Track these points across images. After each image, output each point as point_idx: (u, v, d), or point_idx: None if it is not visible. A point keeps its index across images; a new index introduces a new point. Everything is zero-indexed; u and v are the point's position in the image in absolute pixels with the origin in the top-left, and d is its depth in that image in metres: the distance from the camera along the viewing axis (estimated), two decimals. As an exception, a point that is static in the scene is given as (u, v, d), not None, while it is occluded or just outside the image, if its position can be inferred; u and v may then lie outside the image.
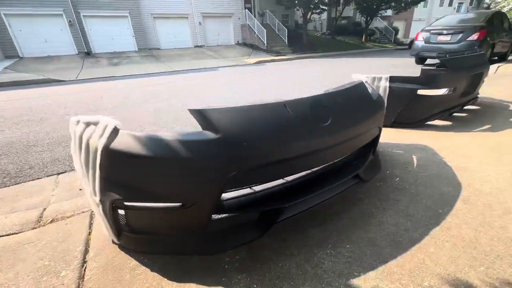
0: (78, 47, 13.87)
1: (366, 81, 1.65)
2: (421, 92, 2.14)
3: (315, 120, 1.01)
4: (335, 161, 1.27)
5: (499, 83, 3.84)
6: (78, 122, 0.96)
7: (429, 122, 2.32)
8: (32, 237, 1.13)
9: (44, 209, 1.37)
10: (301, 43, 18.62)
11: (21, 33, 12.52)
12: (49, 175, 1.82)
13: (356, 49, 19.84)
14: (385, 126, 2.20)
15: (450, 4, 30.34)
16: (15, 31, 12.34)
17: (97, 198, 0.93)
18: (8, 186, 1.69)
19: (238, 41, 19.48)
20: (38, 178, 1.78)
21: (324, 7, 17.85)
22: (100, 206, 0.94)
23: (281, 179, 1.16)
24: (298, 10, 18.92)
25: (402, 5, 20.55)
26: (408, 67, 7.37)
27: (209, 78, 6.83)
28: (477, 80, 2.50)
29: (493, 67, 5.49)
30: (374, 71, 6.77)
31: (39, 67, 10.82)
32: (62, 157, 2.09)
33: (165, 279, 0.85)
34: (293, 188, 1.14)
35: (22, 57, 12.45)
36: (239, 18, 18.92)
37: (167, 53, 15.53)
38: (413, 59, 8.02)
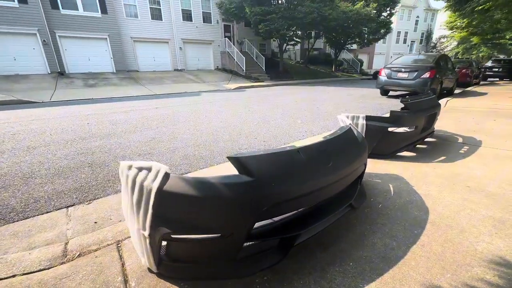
0: (51, 66, 13.43)
1: (350, 123, 2.02)
2: (391, 129, 2.60)
3: (321, 162, 1.29)
4: (335, 194, 1.55)
5: (449, 117, 4.59)
6: (130, 167, 1.13)
7: (399, 154, 2.76)
8: (67, 271, 1.22)
9: (66, 244, 1.44)
10: (278, 70, 19.86)
11: (-14, 51, 11.85)
12: (58, 209, 1.86)
13: (327, 78, 21.62)
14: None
15: (404, 42, 34.69)
16: (-20, 48, 11.67)
17: (147, 233, 1.08)
18: (18, 221, 1.71)
19: (217, 66, 20.21)
20: (47, 212, 1.81)
21: (298, 40, 19.43)
22: (148, 240, 1.10)
23: (295, 210, 1.40)
24: (275, 41, 20.37)
25: (365, 41, 23.11)
26: (375, 97, 8.31)
27: (193, 104, 7.05)
28: (432, 118, 3.06)
29: (443, 101, 6.47)
30: (347, 101, 7.54)
31: (5, 87, 10.24)
32: (66, 189, 2.13)
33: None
34: (305, 217, 1.39)
35: (-14, 75, 11.66)
36: (219, 45, 19.82)
37: (146, 75, 15.56)
38: (377, 90, 9.06)
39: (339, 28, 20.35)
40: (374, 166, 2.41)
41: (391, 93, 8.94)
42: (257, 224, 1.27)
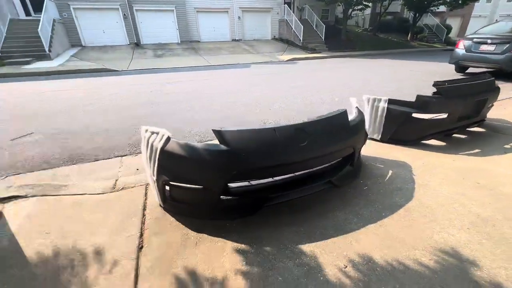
0: (129, 38, 15.41)
1: (357, 106, 2.06)
2: (416, 115, 2.44)
3: (295, 141, 1.49)
4: (313, 169, 1.73)
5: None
6: (146, 130, 1.57)
7: (425, 142, 2.60)
8: (113, 197, 1.81)
9: (116, 180, 2.06)
10: (339, 40, 18.19)
11: (84, 25, 14.32)
12: (116, 156, 2.55)
13: (399, 48, 18.77)
14: (382, 141, 2.57)
15: (522, -1, 26.53)
16: (80, 23, 14.14)
17: (154, 178, 1.54)
18: (91, 161, 2.45)
19: (274, 36, 19.69)
20: (107, 158, 2.52)
21: (367, 3, 17.06)
22: (155, 183, 1.56)
23: (271, 178, 1.67)
24: (339, 5, 18.37)
25: (460, 1, 18.64)
26: (446, 76, 7.11)
27: (238, 77, 7.39)
28: (481, 105, 2.67)
29: (536, 83, 5.18)
30: (403, 79, 6.72)
31: (98, 56, 12.41)
32: (123, 144, 2.83)
33: (189, 229, 1.43)
34: (279, 185, 1.65)
35: (84, 46, 14.28)
36: (277, 13, 19.07)
37: (206, 45, 16.44)
38: (452, 66, 7.66)
39: (424, -14, 16.92)
40: (388, 151, 2.38)
41: (471, 70, 7.45)
42: (235, 184, 1.61)
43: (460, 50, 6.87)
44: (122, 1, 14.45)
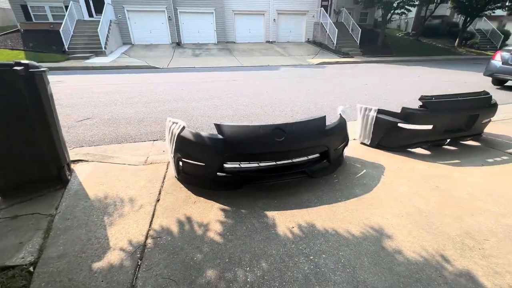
0: (172, 38, 16.84)
1: (340, 113, 2.46)
2: (402, 125, 2.73)
3: (275, 136, 1.97)
4: (292, 161, 2.20)
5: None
6: (170, 121, 2.18)
7: (411, 150, 2.87)
8: (144, 168, 2.47)
9: (147, 158, 2.74)
10: (375, 44, 17.69)
11: (135, 25, 16.02)
12: (149, 140, 3.26)
13: (443, 55, 17.61)
14: (371, 146, 2.91)
15: None
16: (131, 23, 15.87)
17: (172, 155, 2.15)
18: (132, 142, 3.19)
19: (308, 39, 19.81)
20: (143, 141, 3.24)
21: (409, 8, 16.32)
22: (173, 159, 2.17)
23: (256, 164, 2.18)
24: (379, 8, 17.80)
25: (521, 4, 16.84)
26: (478, 88, 6.82)
27: (265, 79, 7.91)
28: (472, 120, 2.84)
29: None
30: (429, 90, 6.63)
31: (143, 54, 13.89)
32: (156, 131, 3.55)
33: (191, 193, 2.01)
34: (261, 170, 2.15)
35: (133, 44, 15.99)
36: (313, 16, 19.16)
37: (240, 47, 17.24)
38: (490, 78, 7.27)
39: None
40: (372, 155, 2.72)
41: (510, 83, 7.02)
42: (229, 165, 2.15)
43: (497, 62, 6.56)
44: (168, 4, 15.88)
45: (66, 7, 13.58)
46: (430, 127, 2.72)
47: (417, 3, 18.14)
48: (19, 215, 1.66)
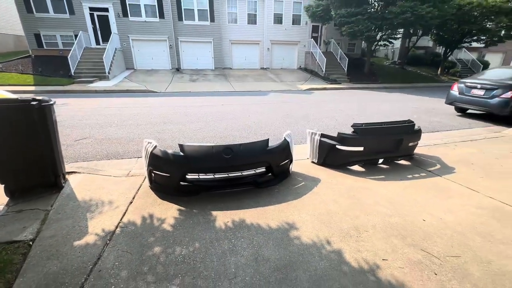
0: (172, 64, 18.08)
1: (284, 137, 3.08)
2: (339, 147, 3.35)
3: (224, 154, 2.58)
4: (242, 174, 2.78)
5: (474, 146, 4.34)
6: (145, 141, 2.79)
7: (350, 167, 3.46)
8: (125, 179, 3.04)
9: (130, 171, 3.32)
10: (362, 71, 18.94)
11: (138, 52, 17.31)
12: (135, 157, 3.86)
13: (426, 82, 18.80)
14: (318, 164, 3.50)
15: None
16: (135, 51, 17.16)
17: (146, 168, 2.73)
18: (119, 159, 3.79)
19: (300, 66, 21.19)
20: (130, 158, 3.84)
21: (391, 41, 17.78)
22: (147, 171, 2.75)
23: (212, 176, 2.76)
24: (363, 41, 19.32)
25: (495, 39, 18.36)
26: (442, 114, 7.57)
27: (251, 104, 8.70)
28: (398, 143, 3.46)
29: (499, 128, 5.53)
30: (397, 115, 7.36)
31: (144, 78, 14.92)
32: (141, 149, 4.15)
33: (158, 197, 2.57)
34: (217, 181, 2.73)
35: (135, 69, 17.17)
36: (304, 46, 20.68)
37: (236, 73, 18.44)
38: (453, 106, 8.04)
39: (453, 23, 17.18)
40: (313, 171, 3.30)
41: (472, 111, 7.77)
42: (190, 176, 2.73)
43: (455, 92, 7.37)
44: (170, 34, 17.31)
45: (76, 35, 14.89)
46: (361, 148, 3.34)
47: (399, 36, 19.76)
48: (23, 210, 2.21)
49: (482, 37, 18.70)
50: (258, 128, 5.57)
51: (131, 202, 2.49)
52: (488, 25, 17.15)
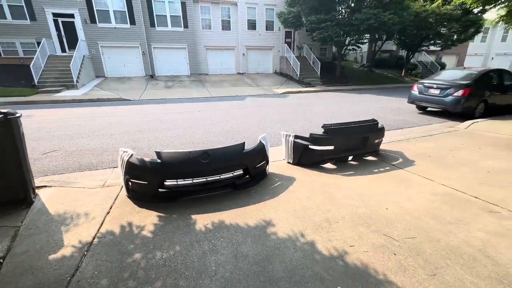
0: (146, 71, 17.64)
1: (260, 139, 3.22)
2: (311, 146, 3.56)
3: (201, 159, 2.65)
4: (220, 177, 2.87)
5: (437, 140, 4.80)
6: (121, 150, 2.78)
7: (323, 165, 3.68)
8: (100, 190, 2.99)
9: (105, 182, 3.26)
10: (334, 75, 19.85)
11: (109, 60, 16.70)
12: (110, 168, 3.78)
13: (393, 83, 20.15)
14: (293, 164, 3.66)
15: (515, 40, 27.92)
16: (105, 58, 16.53)
17: (123, 177, 2.72)
18: (93, 170, 3.68)
19: (276, 70, 21.70)
20: (104, 169, 3.75)
21: (358, 45, 18.89)
22: (124, 180, 2.73)
23: (191, 180, 2.81)
24: (333, 45, 20.31)
25: (448, 43, 20.22)
26: (404, 113, 8.20)
27: (227, 109, 8.79)
28: (364, 141, 3.76)
29: (466, 123, 6.19)
30: (373, 113, 7.86)
31: (116, 86, 14.41)
32: (116, 159, 4.07)
33: (136, 206, 2.57)
34: (195, 185, 2.79)
35: (106, 77, 16.52)
36: (278, 51, 21.25)
37: (212, 78, 18.43)
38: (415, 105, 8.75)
39: (412, 29, 18.70)
40: (289, 171, 3.47)
41: (431, 109, 8.51)
42: (169, 182, 2.76)
43: (415, 92, 8.04)
44: (142, 40, 16.92)
45: (39, 43, 14.03)
46: (332, 147, 3.58)
47: (366, 41, 21.08)
48: (-10, 228, 2.11)
49: (438, 41, 20.55)
50: (236, 133, 5.67)
51: (108, 213, 2.47)
52: (442, 30, 18.86)
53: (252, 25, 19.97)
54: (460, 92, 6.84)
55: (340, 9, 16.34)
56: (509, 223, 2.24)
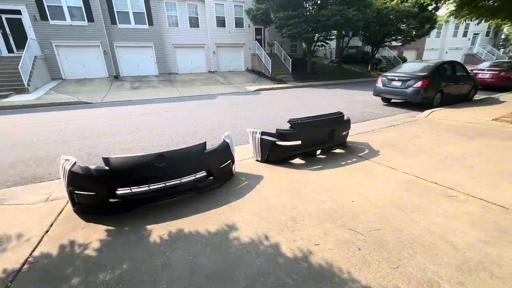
0: (109, 71, 16.53)
1: (223, 138, 3.03)
2: (279, 142, 3.45)
3: (156, 163, 2.41)
4: (180, 180, 2.64)
5: (399, 130, 4.97)
6: (62, 158, 2.44)
7: (292, 161, 3.59)
8: (42, 205, 2.61)
9: (50, 195, 2.87)
10: (305, 71, 20.19)
11: (66, 60, 15.37)
12: (58, 179, 3.36)
13: (360, 78, 20.98)
14: (262, 162, 3.52)
15: (465, 35, 30.59)
16: (61, 58, 15.19)
17: (66, 189, 2.39)
18: (37, 182, 3.25)
19: (248, 68, 21.54)
20: (51, 180, 3.33)
21: (327, 41, 19.38)
22: (68, 193, 2.40)
23: (147, 187, 2.56)
24: (302, 42, 20.65)
25: (408, 38, 21.49)
26: (371, 105, 8.50)
27: (196, 109, 8.47)
28: (331, 134, 3.75)
29: (425, 113, 6.53)
30: (342, 107, 8.00)
31: (75, 89, 13.30)
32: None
33: (82, 220, 2.26)
34: (152, 192, 2.54)
35: (64, 79, 15.20)
36: (249, 48, 21.09)
37: (182, 77, 17.78)
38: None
39: (375, 25, 19.59)
40: (257, 169, 3.34)
41: (394, 100, 8.91)
42: (121, 191, 2.48)
43: (379, 85, 8.35)
44: (103, 39, 15.79)
45: (-21, 43, 12.44)
46: (299, 142, 3.51)
47: (333, 37, 21.67)
48: None
49: (399, 37, 21.77)
50: (204, 132, 5.43)
51: (47, 231, 2.14)
52: (402, 27, 20.00)
53: (221, 22, 19.57)
54: (419, 83, 7.21)
55: (307, 6, 16.56)
56: (465, 206, 2.31)
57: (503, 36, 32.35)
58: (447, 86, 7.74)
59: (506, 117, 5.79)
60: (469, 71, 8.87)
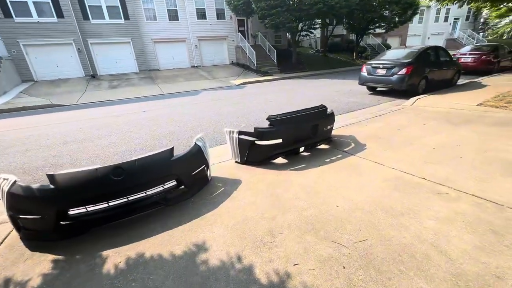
0: (85, 70, 15.67)
1: (195, 141, 2.73)
2: (258, 142, 3.18)
3: (114, 176, 2.09)
4: (146, 193, 2.34)
5: (386, 120, 4.80)
6: (0, 178, 2.08)
7: (273, 161, 3.34)
8: (-16, 232, 2.26)
9: None
10: (290, 62, 19.83)
11: (36, 60, 14.41)
12: (11, 196, 2.97)
13: (346, 67, 20.85)
14: (241, 163, 3.25)
15: (446, 20, 30.91)
16: (31, 59, 14.22)
17: (7, 213, 2.04)
18: None
19: (232, 61, 20.98)
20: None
21: (311, 31, 19.05)
22: (9, 218, 2.06)
23: (106, 204, 2.24)
24: (286, 32, 20.23)
25: (391, 25, 21.43)
26: (358, 94, 8.33)
27: (176, 106, 8.05)
28: (315, 129, 3.50)
29: (411, 100, 6.41)
30: (321, 99, 7.79)
31: (48, 91, 12.49)
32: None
33: (28, 249, 1.94)
34: (111, 209, 2.22)
35: (36, 81, 14.28)
36: (233, 40, 20.49)
37: (164, 74, 17.10)
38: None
39: (359, 13, 19.37)
40: (235, 172, 3.07)
41: (380, 88, 8.77)
42: (74, 211, 2.16)
43: (364, 73, 8.17)
44: (76, 36, 14.87)
45: None
46: (280, 140, 3.25)
47: (317, 26, 21.35)
48: None
49: (382, 24, 21.68)
50: (182, 133, 5.09)
51: (-20, 267, 1.80)
52: (385, 13, 19.88)
53: (201, 14, 18.83)
54: (404, 70, 7.07)
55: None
56: (457, 205, 2.13)
57: (482, 20, 32.95)
58: (432, 72, 7.64)
59: (490, 102, 5.74)
60: (452, 56, 8.83)
